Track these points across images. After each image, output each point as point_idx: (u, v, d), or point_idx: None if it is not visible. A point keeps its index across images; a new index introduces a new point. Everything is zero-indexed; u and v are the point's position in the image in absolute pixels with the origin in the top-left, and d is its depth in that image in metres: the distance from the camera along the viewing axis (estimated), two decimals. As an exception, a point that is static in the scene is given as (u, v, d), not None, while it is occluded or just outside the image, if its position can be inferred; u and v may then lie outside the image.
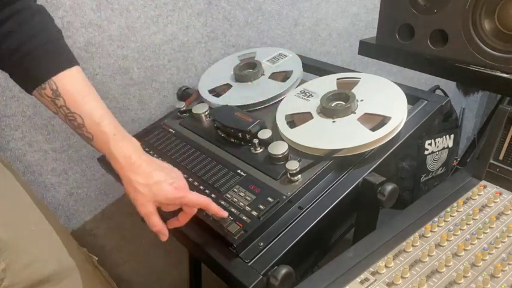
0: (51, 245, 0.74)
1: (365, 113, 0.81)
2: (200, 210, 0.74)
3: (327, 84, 0.92)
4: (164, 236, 0.68)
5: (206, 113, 0.96)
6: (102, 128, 0.64)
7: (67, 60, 0.63)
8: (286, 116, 0.87)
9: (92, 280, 0.81)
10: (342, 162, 0.78)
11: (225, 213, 0.70)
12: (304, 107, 0.88)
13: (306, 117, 0.85)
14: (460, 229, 0.66)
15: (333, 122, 0.82)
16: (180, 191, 0.66)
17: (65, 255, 0.76)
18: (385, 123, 0.78)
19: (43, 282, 0.70)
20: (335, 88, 0.90)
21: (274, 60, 1.07)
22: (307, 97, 0.90)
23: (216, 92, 1.01)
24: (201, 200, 0.68)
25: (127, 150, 0.65)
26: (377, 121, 0.79)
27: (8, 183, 0.71)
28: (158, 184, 0.64)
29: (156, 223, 0.66)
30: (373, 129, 0.78)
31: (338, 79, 0.93)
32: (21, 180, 0.76)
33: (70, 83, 0.62)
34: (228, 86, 1.02)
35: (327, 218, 0.71)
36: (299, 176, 0.74)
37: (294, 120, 0.85)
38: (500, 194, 0.73)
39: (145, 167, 0.65)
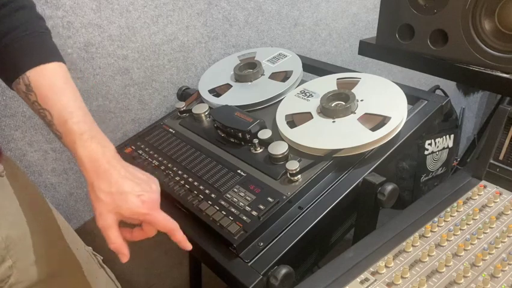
0: (57, 243, 0.74)
1: (365, 113, 0.81)
2: (200, 210, 0.74)
3: (327, 84, 0.92)
4: (124, 256, 0.61)
5: (206, 113, 0.96)
6: (70, 126, 0.59)
7: (44, 55, 0.60)
8: (287, 116, 0.87)
9: (96, 279, 0.81)
10: (342, 162, 0.78)
11: (189, 246, 0.64)
12: (304, 107, 0.88)
13: (306, 117, 0.85)
14: (460, 229, 0.66)
15: (333, 122, 0.82)
16: (147, 206, 0.60)
17: (70, 253, 0.76)
18: (385, 123, 0.78)
19: (48, 280, 0.70)
20: (335, 88, 0.90)
21: (274, 60, 1.07)
22: (307, 97, 0.90)
23: (216, 92, 1.01)
24: (167, 224, 0.62)
25: (94, 152, 0.59)
26: (377, 121, 0.79)
27: (19, 181, 0.71)
28: (123, 194, 0.58)
29: (114, 239, 0.60)
30: (373, 129, 0.78)
31: (338, 79, 0.93)
32: (27, 179, 0.77)
33: (44, 78, 0.59)
34: (228, 86, 1.02)
35: (327, 218, 0.71)
36: (299, 176, 0.74)
37: (294, 120, 0.85)
38: (500, 194, 0.73)
39: (112, 173, 0.59)
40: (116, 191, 0.58)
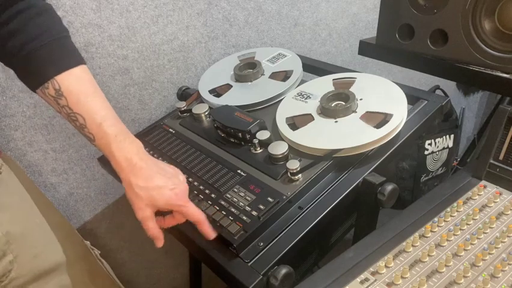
0: (58, 237, 0.75)
1: (367, 112, 0.81)
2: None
3: (323, 85, 0.92)
4: (160, 241, 0.67)
5: (206, 113, 0.96)
6: (104, 129, 0.63)
7: (70, 59, 0.62)
8: (287, 119, 0.86)
9: (95, 272, 0.82)
10: (342, 162, 0.78)
11: (213, 235, 0.69)
12: (303, 108, 0.88)
13: (307, 119, 0.85)
14: (460, 229, 0.66)
15: (336, 122, 0.82)
16: (181, 198, 0.66)
17: (69, 247, 0.77)
18: (387, 121, 0.78)
19: (48, 273, 0.71)
20: (332, 89, 0.90)
21: (274, 60, 1.07)
22: (305, 99, 0.90)
23: (216, 92, 1.01)
24: (197, 214, 0.67)
25: (128, 152, 0.64)
26: (379, 119, 0.79)
27: (15, 178, 0.72)
28: (159, 189, 0.64)
29: (153, 228, 0.66)
30: (377, 126, 0.78)
31: (334, 79, 0.93)
32: (25, 175, 0.77)
33: (73, 82, 0.61)
34: (228, 86, 1.02)
35: (327, 218, 0.71)
36: (299, 175, 0.74)
37: (295, 123, 0.85)
38: (500, 194, 0.73)
39: (146, 170, 0.64)
40: (152, 186, 0.64)
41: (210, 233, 0.68)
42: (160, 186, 0.64)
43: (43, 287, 0.70)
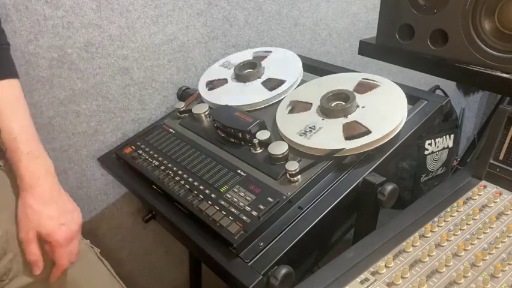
0: None
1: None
2: (200, 210, 0.74)
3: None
4: (39, 268, 0.66)
5: (206, 113, 0.96)
6: (17, 144, 0.63)
7: (1, 71, 0.63)
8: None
9: (95, 270, 0.82)
10: (342, 162, 0.78)
11: (52, 279, 0.69)
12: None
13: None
14: (460, 229, 0.66)
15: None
16: (64, 238, 0.66)
17: None
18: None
19: (49, 271, 0.70)
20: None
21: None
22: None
23: (213, 84, 1.01)
24: (64, 260, 0.67)
25: (35, 173, 0.64)
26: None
27: (15, 178, 0.72)
28: (49, 219, 0.64)
29: (34, 253, 0.65)
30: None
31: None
32: None
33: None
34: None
35: (327, 218, 0.71)
36: (299, 176, 0.74)
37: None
38: (500, 194, 0.73)
39: (46, 196, 0.65)
40: (44, 213, 0.64)
41: (53, 277, 0.69)
42: (51, 216, 0.64)
43: (44, 286, 0.70)
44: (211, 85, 1.03)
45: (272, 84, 0.98)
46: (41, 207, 0.64)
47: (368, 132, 0.77)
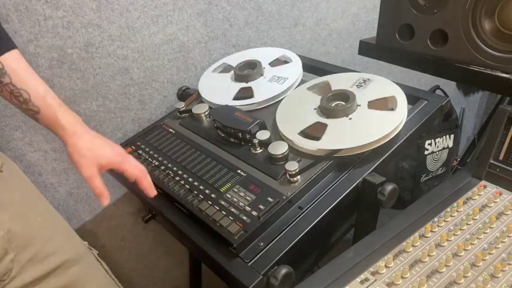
0: (57, 236, 0.76)
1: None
2: (200, 210, 0.74)
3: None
4: (106, 199, 0.72)
5: (206, 113, 0.96)
6: (48, 101, 0.69)
7: (8, 43, 0.68)
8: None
9: (93, 272, 0.82)
10: (342, 162, 0.78)
11: (153, 193, 0.75)
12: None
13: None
14: (460, 229, 0.66)
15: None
16: (120, 155, 0.74)
17: (70, 246, 0.78)
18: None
19: (49, 273, 0.71)
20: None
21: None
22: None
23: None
24: (136, 170, 0.74)
25: (72, 119, 0.71)
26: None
27: (16, 177, 0.74)
28: (101, 148, 0.72)
29: (99, 185, 0.71)
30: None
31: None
32: (23, 174, 0.78)
33: (14, 62, 0.67)
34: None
35: (327, 218, 0.71)
36: (299, 176, 0.74)
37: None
38: (500, 194, 0.73)
39: (88, 135, 0.72)
40: (96, 147, 0.72)
41: (149, 190, 0.75)
42: (102, 145, 0.72)
43: (44, 285, 0.71)
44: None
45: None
46: (91, 144, 0.71)
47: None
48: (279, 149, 0.78)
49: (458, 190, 0.75)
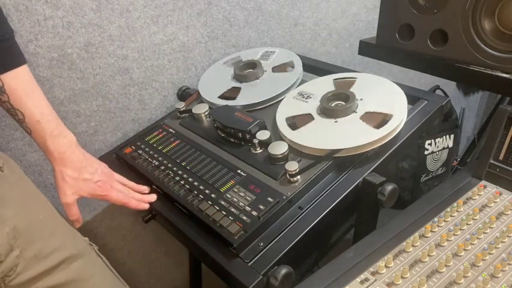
0: (59, 232, 0.77)
1: (366, 112, 0.81)
2: (200, 210, 0.74)
3: (324, 85, 0.92)
4: (79, 223, 0.79)
5: (206, 113, 0.96)
6: (41, 125, 0.70)
7: (14, 59, 0.67)
8: (287, 119, 0.86)
9: (95, 267, 0.83)
10: (342, 162, 0.78)
11: (145, 206, 0.81)
12: (304, 108, 0.88)
13: (307, 118, 0.85)
14: (460, 229, 0.66)
15: (335, 122, 0.82)
16: (104, 190, 0.77)
17: (71, 242, 0.78)
18: (387, 121, 0.78)
19: (53, 269, 0.72)
20: (333, 88, 0.90)
21: (266, 57, 1.07)
22: (306, 99, 0.90)
23: (225, 96, 1.01)
24: (120, 199, 0.79)
25: (61, 147, 0.72)
26: (379, 119, 0.79)
27: (16, 175, 0.74)
28: (86, 181, 0.75)
29: (75, 213, 0.77)
30: (376, 126, 0.78)
31: (334, 79, 0.93)
32: (23, 172, 0.79)
33: (15, 81, 0.67)
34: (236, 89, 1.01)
35: (327, 218, 0.71)
36: (299, 176, 0.74)
37: (295, 122, 0.85)
38: (500, 194, 0.73)
39: (76, 163, 0.74)
40: (81, 178, 0.74)
41: (140, 207, 0.80)
42: (87, 179, 0.75)
43: (47, 283, 0.71)
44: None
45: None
46: (75, 174, 0.74)
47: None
48: (279, 149, 0.78)
49: (458, 190, 0.75)
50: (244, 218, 0.70)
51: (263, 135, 0.82)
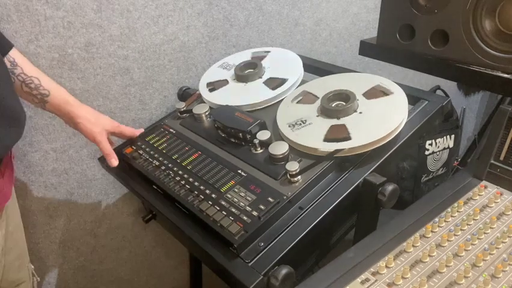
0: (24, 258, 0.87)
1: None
2: (200, 210, 0.74)
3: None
4: (116, 160, 0.87)
5: (206, 113, 0.96)
6: (54, 84, 0.83)
7: (9, 42, 0.80)
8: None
9: None
10: (342, 162, 0.78)
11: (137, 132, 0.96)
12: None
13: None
14: (461, 229, 0.66)
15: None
16: (115, 122, 0.92)
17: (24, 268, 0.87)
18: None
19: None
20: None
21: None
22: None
23: (213, 86, 1.01)
24: (129, 130, 0.94)
25: (77, 99, 0.86)
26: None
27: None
28: (102, 119, 0.88)
29: (108, 148, 0.87)
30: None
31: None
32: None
33: (20, 56, 0.80)
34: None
35: (327, 218, 0.71)
36: (299, 176, 0.74)
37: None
38: (501, 194, 0.73)
39: (89, 110, 0.88)
40: (100, 117, 0.89)
41: (138, 132, 0.95)
42: (101, 117, 0.89)
43: None
44: (212, 86, 1.03)
45: (273, 84, 0.98)
46: (95, 114, 0.88)
47: (348, 138, 0.77)
48: (279, 149, 0.78)
49: (459, 190, 0.75)
50: (245, 218, 0.70)
51: (263, 135, 0.82)
